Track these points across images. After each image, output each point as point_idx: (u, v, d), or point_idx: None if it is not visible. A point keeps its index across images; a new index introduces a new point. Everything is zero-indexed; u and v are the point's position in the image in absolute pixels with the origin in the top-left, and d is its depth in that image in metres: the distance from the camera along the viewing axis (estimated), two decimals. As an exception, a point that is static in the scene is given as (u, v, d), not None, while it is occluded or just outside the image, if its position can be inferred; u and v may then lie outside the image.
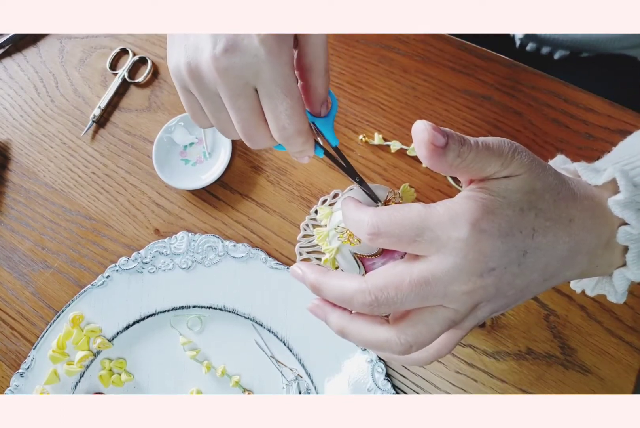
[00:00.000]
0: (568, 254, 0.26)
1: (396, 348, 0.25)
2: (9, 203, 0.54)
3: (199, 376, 0.45)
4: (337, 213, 0.39)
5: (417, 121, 0.24)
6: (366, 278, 0.25)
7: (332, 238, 0.39)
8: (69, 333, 0.46)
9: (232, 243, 0.47)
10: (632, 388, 0.39)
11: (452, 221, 0.24)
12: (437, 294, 0.24)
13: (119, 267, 0.48)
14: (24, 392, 0.46)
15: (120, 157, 0.53)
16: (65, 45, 0.58)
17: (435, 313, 0.25)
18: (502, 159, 0.24)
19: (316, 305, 0.28)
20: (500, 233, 0.24)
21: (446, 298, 0.24)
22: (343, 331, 0.27)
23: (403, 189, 0.40)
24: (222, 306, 0.46)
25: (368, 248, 0.37)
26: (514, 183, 0.25)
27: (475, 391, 0.41)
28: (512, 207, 0.24)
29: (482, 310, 0.25)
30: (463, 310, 0.25)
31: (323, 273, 0.27)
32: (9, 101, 0.58)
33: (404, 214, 0.24)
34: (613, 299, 0.31)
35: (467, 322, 0.26)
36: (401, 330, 0.25)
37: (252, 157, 0.50)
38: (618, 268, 0.29)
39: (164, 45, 0.56)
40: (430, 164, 0.25)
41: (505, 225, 0.24)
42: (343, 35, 0.52)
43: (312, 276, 0.27)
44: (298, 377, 0.44)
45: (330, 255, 0.38)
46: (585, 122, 0.45)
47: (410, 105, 0.49)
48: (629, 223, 0.27)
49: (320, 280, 0.27)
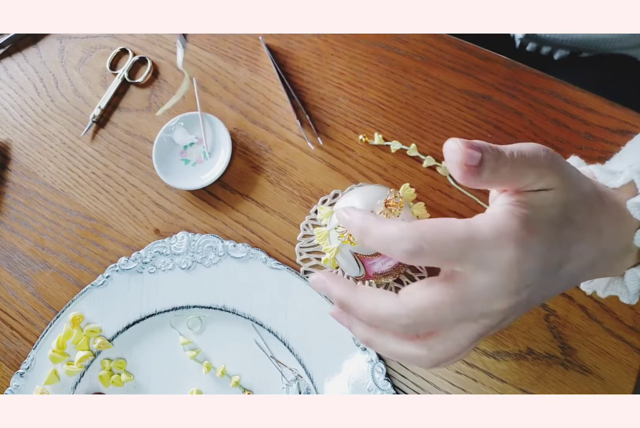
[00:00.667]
0: (593, 261, 0.26)
1: (425, 364, 0.25)
2: (9, 203, 0.54)
3: (199, 376, 0.45)
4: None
5: (449, 140, 0.23)
6: (402, 299, 0.24)
7: (332, 237, 0.39)
8: (69, 333, 0.46)
9: (232, 243, 0.47)
10: (632, 388, 0.39)
11: (498, 241, 0.23)
12: (474, 313, 0.24)
13: (119, 267, 0.48)
14: (24, 392, 0.46)
15: (120, 157, 0.53)
16: (65, 45, 0.58)
17: (465, 330, 0.25)
18: (539, 170, 0.24)
19: (340, 312, 0.27)
20: (542, 250, 0.24)
21: (482, 315, 0.24)
22: (369, 343, 0.27)
23: (403, 189, 0.40)
24: (222, 306, 0.46)
25: (368, 247, 0.37)
26: (553, 196, 0.24)
27: (475, 391, 0.41)
28: (552, 223, 0.24)
29: (507, 320, 0.25)
30: (493, 324, 0.25)
31: (351, 288, 0.26)
32: (9, 101, 0.58)
33: (449, 233, 0.23)
34: (625, 300, 0.31)
35: (491, 332, 0.26)
36: (431, 347, 0.25)
37: (252, 158, 0.50)
38: (630, 268, 0.29)
39: (164, 45, 0.56)
40: (465, 182, 0.23)
41: (546, 242, 0.24)
42: (343, 36, 0.52)
43: (339, 293, 0.26)
44: (298, 377, 0.44)
45: (331, 255, 0.38)
46: (586, 122, 0.45)
47: (410, 105, 0.49)
48: None
49: (350, 297, 0.25)
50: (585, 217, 0.25)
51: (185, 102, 0.53)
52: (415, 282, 0.26)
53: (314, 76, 0.52)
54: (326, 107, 0.50)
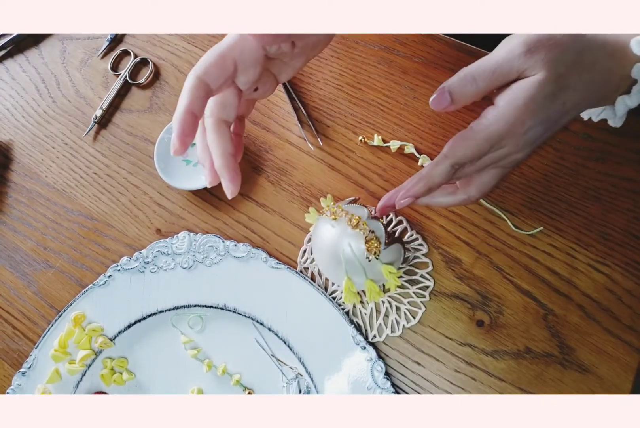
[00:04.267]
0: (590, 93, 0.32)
1: (469, 202, 0.37)
2: (11, 203, 0.54)
3: (200, 375, 0.46)
4: (321, 220, 0.39)
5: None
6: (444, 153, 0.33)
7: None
8: (71, 333, 0.47)
9: (233, 242, 0.47)
10: (630, 387, 0.40)
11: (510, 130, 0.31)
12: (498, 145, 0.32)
13: (120, 267, 0.48)
14: (26, 391, 0.46)
15: (122, 157, 0.53)
16: (66, 46, 0.59)
17: (490, 174, 0.35)
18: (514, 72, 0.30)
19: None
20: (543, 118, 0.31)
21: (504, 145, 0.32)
22: (429, 204, 0.38)
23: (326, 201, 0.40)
24: (223, 305, 0.46)
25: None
26: (540, 79, 0.30)
27: (474, 390, 0.41)
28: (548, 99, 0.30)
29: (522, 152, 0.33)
30: (510, 166, 0.34)
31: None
32: (11, 102, 0.58)
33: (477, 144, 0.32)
34: (612, 123, 0.37)
35: (509, 170, 0.35)
36: (471, 191, 0.36)
37: (253, 158, 0.51)
38: (621, 95, 0.34)
39: (165, 46, 0.56)
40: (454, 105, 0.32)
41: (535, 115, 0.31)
42: (343, 37, 0.52)
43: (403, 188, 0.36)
44: (298, 376, 0.44)
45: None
46: (584, 123, 0.46)
47: (409, 106, 0.49)
48: None
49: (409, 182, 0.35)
50: (576, 80, 0.30)
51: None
52: None
53: (314, 77, 0.52)
54: (326, 108, 0.51)
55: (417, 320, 0.43)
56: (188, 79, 0.32)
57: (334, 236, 0.38)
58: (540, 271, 0.43)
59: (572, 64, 0.30)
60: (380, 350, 0.44)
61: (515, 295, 0.43)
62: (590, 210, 0.44)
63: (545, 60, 0.29)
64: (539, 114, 0.30)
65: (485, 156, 0.33)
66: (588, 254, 0.43)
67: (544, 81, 0.29)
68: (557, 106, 0.31)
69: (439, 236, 0.45)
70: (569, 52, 0.30)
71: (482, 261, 0.44)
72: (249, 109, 0.40)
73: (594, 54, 0.31)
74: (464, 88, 0.31)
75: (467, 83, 0.31)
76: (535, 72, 0.30)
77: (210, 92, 0.32)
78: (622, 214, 0.43)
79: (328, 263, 0.39)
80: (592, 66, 0.31)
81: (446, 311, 0.43)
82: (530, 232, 0.44)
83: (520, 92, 0.30)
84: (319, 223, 0.40)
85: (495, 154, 0.32)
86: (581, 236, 0.43)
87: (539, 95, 0.30)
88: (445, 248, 0.45)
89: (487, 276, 0.43)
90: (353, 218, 0.37)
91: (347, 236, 0.37)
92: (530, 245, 0.44)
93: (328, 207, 0.39)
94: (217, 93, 0.33)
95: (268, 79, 0.37)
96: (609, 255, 0.42)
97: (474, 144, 0.32)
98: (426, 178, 0.34)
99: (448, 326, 0.43)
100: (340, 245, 0.38)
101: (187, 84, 0.32)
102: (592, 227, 0.43)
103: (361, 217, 0.37)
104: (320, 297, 0.44)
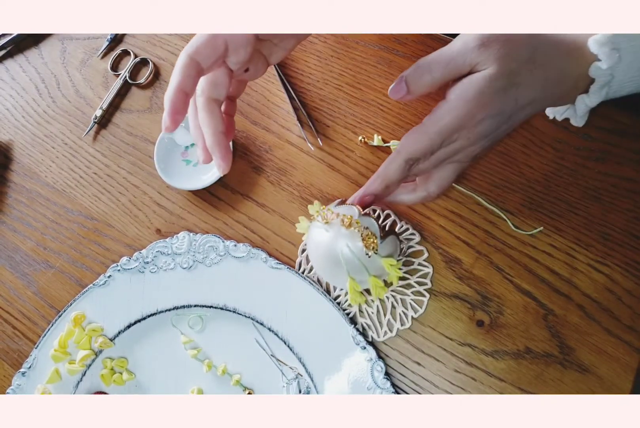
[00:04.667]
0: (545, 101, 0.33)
1: (430, 199, 0.37)
2: (11, 203, 0.54)
3: (200, 375, 0.46)
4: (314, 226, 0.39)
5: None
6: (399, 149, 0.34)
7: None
8: (71, 333, 0.47)
9: (232, 242, 0.47)
10: (631, 387, 0.40)
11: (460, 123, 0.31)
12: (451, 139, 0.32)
13: (120, 267, 0.48)
14: (26, 391, 0.46)
15: (122, 157, 0.53)
16: (66, 46, 0.59)
17: (447, 169, 0.35)
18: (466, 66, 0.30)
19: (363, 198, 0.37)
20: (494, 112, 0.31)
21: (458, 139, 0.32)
22: (392, 202, 0.39)
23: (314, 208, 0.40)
24: (223, 305, 0.46)
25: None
26: (490, 73, 0.30)
27: (474, 390, 0.41)
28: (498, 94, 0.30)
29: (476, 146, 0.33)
30: (466, 160, 0.34)
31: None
32: (11, 102, 0.58)
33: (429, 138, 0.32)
34: (574, 122, 0.38)
35: (465, 166, 0.35)
36: (428, 189, 0.37)
37: (253, 158, 0.51)
38: (580, 95, 0.35)
39: (165, 46, 0.56)
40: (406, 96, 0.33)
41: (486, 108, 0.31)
42: (342, 37, 0.52)
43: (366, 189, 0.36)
44: (298, 376, 0.44)
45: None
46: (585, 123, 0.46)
47: (409, 106, 0.49)
48: (601, 60, 0.32)
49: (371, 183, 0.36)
50: (528, 76, 0.31)
51: (186, 103, 0.53)
52: None
53: (314, 78, 0.52)
54: (326, 108, 0.51)
55: (424, 308, 0.43)
56: (179, 57, 0.33)
57: (329, 240, 0.38)
58: (540, 271, 0.43)
59: (525, 60, 0.30)
60: (380, 350, 0.44)
61: (515, 295, 0.43)
62: (590, 210, 0.44)
63: (497, 55, 0.29)
64: (488, 108, 0.31)
65: (439, 150, 0.33)
66: (588, 254, 0.43)
67: (495, 76, 0.30)
68: (509, 101, 0.31)
69: (438, 236, 0.45)
70: (522, 48, 0.30)
71: (482, 261, 0.44)
72: (240, 90, 0.40)
73: (548, 52, 0.31)
74: (419, 78, 0.31)
75: (423, 73, 0.31)
76: (487, 66, 0.30)
77: (201, 71, 0.33)
78: (622, 214, 0.43)
79: (328, 268, 0.39)
80: (546, 64, 0.31)
81: (446, 311, 0.43)
82: (530, 232, 0.44)
83: (470, 86, 0.30)
84: (312, 230, 0.40)
85: (448, 148, 0.33)
86: (581, 236, 0.43)
87: (488, 89, 0.30)
88: (445, 248, 0.45)
89: (487, 276, 0.43)
90: (345, 218, 0.37)
91: (343, 237, 0.37)
92: (530, 245, 0.44)
93: (318, 212, 0.39)
94: (208, 72, 0.34)
95: (259, 60, 0.38)
96: (609, 255, 0.42)
97: (426, 139, 0.32)
98: (382, 175, 0.34)
99: (448, 326, 0.43)
100: (337, 247, 0.38)
101: (178, 63, 0.32)
102: (592, 227, 0.43)
103: (353, 216, 0.37)
104: (320, 297, 0.44)
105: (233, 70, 0.35)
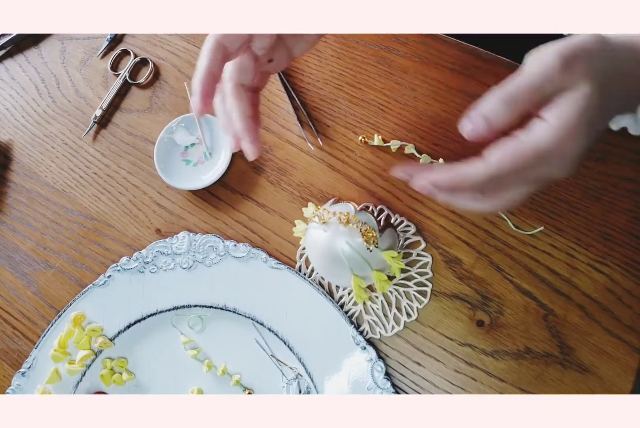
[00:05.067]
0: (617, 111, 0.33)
1: (488, 213, 0.39)
2: (11, 203, 0.54)
3: (199, 375, 0.46)
4: (311, 228, 0.39)
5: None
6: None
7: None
8: (71, 333, 0.47)
9: (232, 242, 0.47)
10: (631, 388, 0.40)
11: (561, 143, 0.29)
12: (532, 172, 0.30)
13: (120, 267, 0.48)
14: (26, 391, 0.46)
15: (122, 157, 0.53)
16: (66, 46, 0.59)
17: (521, 190, 0.31)
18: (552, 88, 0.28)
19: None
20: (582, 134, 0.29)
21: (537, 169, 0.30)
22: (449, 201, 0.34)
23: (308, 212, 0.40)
24: (223, 305, 0.46)
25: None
26: (586, 93, 0.28)
27: (474, 390, 0.41)
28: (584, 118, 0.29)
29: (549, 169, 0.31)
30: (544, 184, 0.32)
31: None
32: (11, 102, 0.58)
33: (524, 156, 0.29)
34: (633, 131, 0.38)
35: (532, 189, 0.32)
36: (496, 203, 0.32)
37: (253, 158, 0.51)
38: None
39: (165, 46, 0.56)
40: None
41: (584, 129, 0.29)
42: (343, 37, 0.52)
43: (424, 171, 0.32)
44: (298, 376, 0.44)
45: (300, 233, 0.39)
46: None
47: (409, 106, 0.49)
48: None
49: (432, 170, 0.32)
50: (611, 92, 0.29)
51: (186, 104, 0.53)
52: None
53: (314, 77, 0.52)
54: (326, 108, 0.51)
55: (428, 299, 0.43)
56: (206, 41, 0.33)
57: (328, 239, 0.38)
58: (541, 271, 0.43)
59: (611, 72, 0.29)
60: (380, 350, 0.44)
61: (516, 295, 0.43)
62: (591, 210, 0.44)
63: (586, 72, 0.28)
64: (589, 127, 0.29)
65: (530, 171, 0.30)
66: (588, 254, 0.43)
67: (592, 94, 0.28)
68: (603, 116, 0.30)
69: (439, 236, 0.45)
70: (604, 61, 0.29)
71: (482, 261, 0.44)
72: (264, 82, 0.40)
73: (626, 62, 0.30)
74: (501, 112, 0.29)
75: (504, 106, 0.29)
76: (579, 85, 0.28)
77: (227, 55, 0.33)
78: (622, 214, 0.43)
79: (330, 268, 0.39)
80: (627, 73, 0.30)
81: (446, 311, 0.43)
82: (530, 232, 0.44)
83: (570, 107, 0.28)
84: (310, 232, 0.40)
85: (540, 171, 0.30)
86: (581, 236, 0.43)
87: (590, 108, 0.28)
88: (445, 248, 0.45)
89: (487, 276, 0.43)
90: (342, 216, 0.37)
91: (342, 235, 0.37)
92: (531, 245, 0.44)
93: (314, 214, 0.39)
94: (234, 57, 0.34)
95: (282, 50, 0.38)
96: (609, 255, 0.42)
97: (522, 158, 0.29)
98: (460, 174, 0.31)
99: (448, 326, 0.43)
100: (338, 246, 0.38)
101: (206, 47, 0.33)
102: (592, 227, 0.43)
103: (349, 213, 0.37)
104: (320, 297, 0.44)
105: (258, 56, 0.36)
